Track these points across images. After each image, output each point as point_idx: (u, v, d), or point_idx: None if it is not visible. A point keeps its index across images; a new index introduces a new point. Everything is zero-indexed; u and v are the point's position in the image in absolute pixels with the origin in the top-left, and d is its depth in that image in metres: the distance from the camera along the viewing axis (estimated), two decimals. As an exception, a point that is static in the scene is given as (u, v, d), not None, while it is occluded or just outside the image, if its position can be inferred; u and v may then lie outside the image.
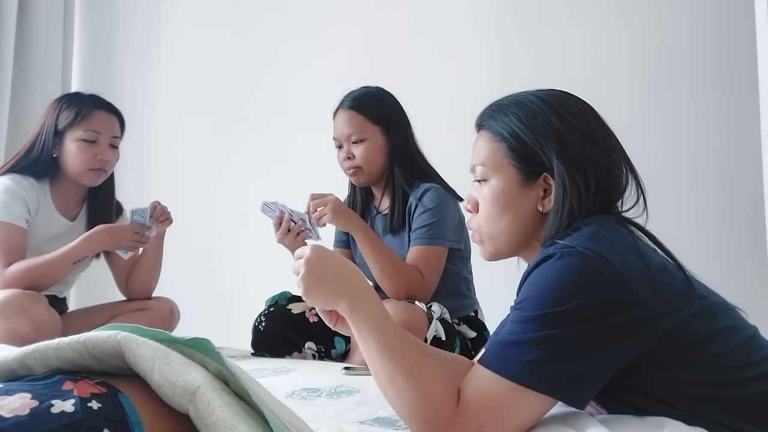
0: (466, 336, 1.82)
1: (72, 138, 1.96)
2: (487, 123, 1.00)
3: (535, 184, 0.94)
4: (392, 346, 0.85)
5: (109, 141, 2.01)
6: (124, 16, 3.32)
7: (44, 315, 1.80)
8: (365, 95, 1.92)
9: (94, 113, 1.99)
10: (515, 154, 0.94)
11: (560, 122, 0.92)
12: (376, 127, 1.88)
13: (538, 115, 0.94)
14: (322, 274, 0.90)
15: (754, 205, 1.92)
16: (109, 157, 2.01)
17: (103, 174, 2.02)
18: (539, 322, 0.79)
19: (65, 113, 1.97)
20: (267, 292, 2.04)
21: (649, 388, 0.84)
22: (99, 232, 1.91)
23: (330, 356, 1.93)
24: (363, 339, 0.87)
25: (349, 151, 1.87)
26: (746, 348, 0.86)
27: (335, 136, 1.92)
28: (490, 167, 0.97)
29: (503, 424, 0.79)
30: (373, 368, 0.87)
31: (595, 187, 0.90)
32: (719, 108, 2.19)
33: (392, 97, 1.94)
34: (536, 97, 0.97)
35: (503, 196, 0.95)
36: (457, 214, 1.85)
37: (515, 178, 0.95)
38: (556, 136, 0.92)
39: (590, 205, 0.90)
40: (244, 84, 3.02)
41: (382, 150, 1.88)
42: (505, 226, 0.96)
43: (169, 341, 0.65)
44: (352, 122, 1.87)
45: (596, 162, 0.91)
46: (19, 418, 0.52)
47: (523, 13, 2.51)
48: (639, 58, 2.31)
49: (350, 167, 1.88)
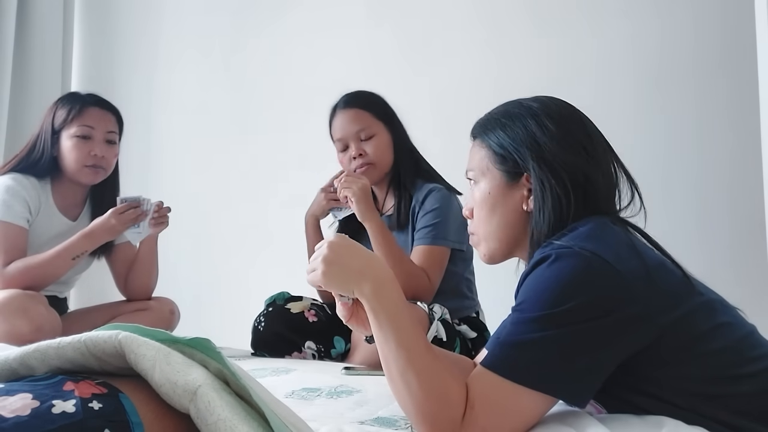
0: (467, 336, 1.82)
1: (67, 135, 1.96)
2: (477, 131, 1.06)
3: (518, 184, 0.98)
4: (409, 340, 0.85)
5: (104, 137, 1.99)
6: (123, 17, 3.32)
7: (44, 315, 1.80)
8: (363, 93, 1.93)
9: (87, 109, 1.98)
10: (498, 157, 1.00)
11: (537, 126, 0.96)
12: (381, 123, 1.88)
13: (517, 120, 0.99)
14: (346, 252, 0.90)
15: (754, 205, 1.92)
16: (105, 153, 1.99)
17: (101, 171, 2.00)
18: (539, 323, 0.80)
19: (61, 112, 1.98)
20: (267, 292, 2.04)
21: (647, 385, 0.84)
22: (95, 227, 1.89)
23: (330, 356, 1.93)
24: (381, 327, 0.86)
25: (360, 148, 1.85)
26: (744, 344, 0.87)
27: (339, 136, 1.89)
28: (478, 172, 1.03)
29: (505, 424, 0.80)
30: (385, 359, 0.86)
31: (573, 188, 0.92)
32: (720, 108, 2.19)
33: (384, 99, 1.95)
34: (519, 103, 1.02)
35: (489, 197, 1.00)
36: (460, 215, 1.85)
37: (500, 180, 0.99)
38: (530, 140, 0.96)
39: (575, 205, 0.91)
40: (244, 84, 3.02)
41: (390, 146, 1.88)
42: (494, 227, 1.00)
43: (169, 341, 0.65)
44: (359, 119, 1.86)
45: (572, 164, 0.93)
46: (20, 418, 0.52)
47: (522, 13, 2.51)
48: (640, 59, 2.31)
49: (362, 164, 1.85)
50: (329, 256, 0.89)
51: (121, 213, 1.90)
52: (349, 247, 0.91)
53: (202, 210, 3.02)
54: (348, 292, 0.90)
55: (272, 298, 2.01)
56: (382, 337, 0.86)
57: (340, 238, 0.92)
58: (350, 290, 0.90)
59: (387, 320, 0.86)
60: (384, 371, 0.87)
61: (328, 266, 0.89)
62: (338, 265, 0.89)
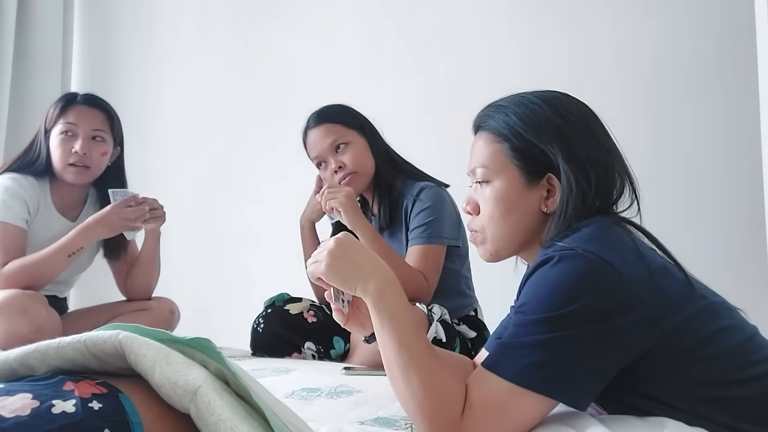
0: (466, 336, 1.82)
1: (54, 134, 1.96)
2: (486, 123, 0.99)
3: (538, 185, 0.94)
4: (411, 339, 0.85)
5: (89, 134, 1.95)
6: (123, 16, 3.32)
7: (44, 315, 1.80)
8: (330, 107, 1.91)
9: (72, 107, 1.96)
10: (518, 154, 0.94)
11: (563, 122, 0.92)
12: (353, 131, 1.86)
13: (540, 115, 0.93)
14: (353, 250, 0.90)
15: (754, 205, 1.92)
16: (88, 150, 1.94)
17: (86, 171, 1.96)
18: (541, 325, 0.79)
19: (51, 111, 1.98)
20: (267, 292, 2.04)
21: (649, 388, 0.84)
22: (92, 222, 1.88)
23: (329, 356, 1.93)
24: (383, 326, 0.86)
25: (338, 161, 1.83)
26: (747, 348, 0.87)
27: (315, 155, 1.88)
28: (492, 168, 0.96)
29: (505, 425, 0.79)
30: (386, 358, 0.86)
31: (597, 187, 0.90)
32: (717, 108, 2.19)
33: (353, 108, 1.92)
34: (536, 97, 0.96)
35: (507, 197, 0.94)
36: (454, 211, 1.85)
37: (518, 179, 0.94)
38: (560, 135, 0.91)
39: (592, 204, 0.90)
40: (244, 83, 3.02)
41: (368, 151, 1.87)
42: (509, 228, 0.95)
43: (170, 341, 0.65)
44: (330, 131, 1.85)
45: (599, 161, 0.91)
46: (20, 418, 0.52)
47: (520, 15, 2.51)
48: (636, 60, 2.31)
49: (345, 175, 1.83)
50: (335, 251, 0.89)
51: (122, 209, 1.88)
52: (355, 246, 0.91)
53: (202, 210, 3.02)
54: (350, 288, 0.90)
55: (271, 299, 2.01)
56: (384, 336, 0.86)
57: (347, 237, 0.92)
58: (352, 287, 0.89)
59: (389, 319, 0.86)
60: (385, 369, 0.87)
61: (333, 260, 0.89)
62: (344, 261, 0.89)
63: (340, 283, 0.91)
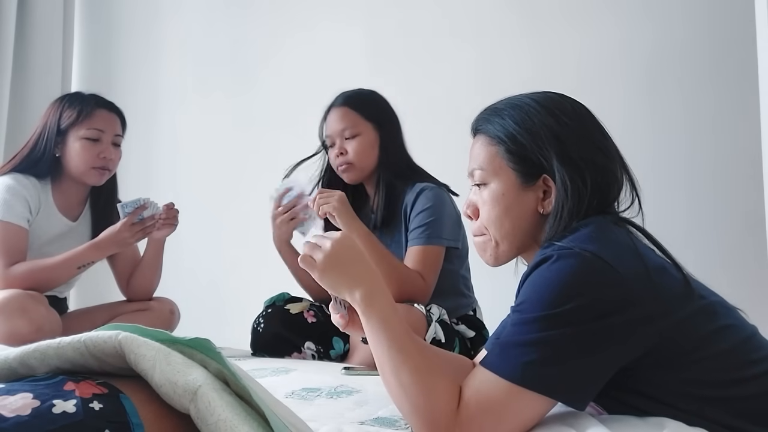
0: (465, 336, 1.82)
1: (75, 137, 1.96)
2: (483, 127, 1.00)
3: (534, 186, 0.94)
4: (401, 342, 0.86)
5: (112, 139, 2.01)
6: (124, 16, 3.32)
7: (44, 315, 1.80)
8: (358, 93, 1.94)
9: (97, 112, 1.99)
10: (513, 157, 0.95)
11: (557, 123, 0.93)
12: (369, 124, 1.88)
13: (534, 117, 0.94)
14: (346, 257, 0.91)
15: (754, 205, 1.92)
16: (112, 156, 2.01)
17: (107, 173, 2.02)
18: (539, 324, 0.79)
19: (68, 112, 1.97)
20: (267, 292, 2.04)
21: (648, 388, 0.84)
22: (104, 239, 1.91)
23: (329, 357, 1.93)
24: (373, 330, 0.88)
25: (342, 147, 1.87)
26: (746, 347, 0.87)
27: (327, 134, 1.92)
28: (489, 171, 0.97)
29: (503, 425, 0.79)
30: (379, 362, 0.87)
31: (593, 187, 0.90)
32: (717, 108, 2.19)
33: (384, 99, 1.95)
34: (531, 99, 0.97)
35: (503, 198, 0.95)
36: (454, 212, 1.85)
37: (514, 181, 0.95)
38: (553, 137, 0.92)
39: (588, 205, 0.90)
40: (246, 83, 3.02)
41: (374, 146, 1.88)
42: (507, 230, 0.96)
43: (169, 341, 0.65)
44: (345, 118, 1.88)
45: (594, 162, 0.92)
46: (20, 418, 0.52)
47: (518, 15, 2.51)
48: (633, 59, 2.31)
49: (342, 163, 1.87)
50: (331, 255, 0.91)
51: (131, 225, 1.91)
52: (349, 252, 0.92)
53: (203, 210, 3.01)
54: (340, 295, 0.93)
55: (272, 299, 2.01)
56: (374, 339, 0.88)
57: (347, 240, 0.93)
58: (342, 294, 0.92)
59: (378, 323, 0.87)
60: (379, 373, 0.88)
61: (326, 265, 0.91)
62: (337, 267, 0.91)
63: (330, 289, 0.94)
